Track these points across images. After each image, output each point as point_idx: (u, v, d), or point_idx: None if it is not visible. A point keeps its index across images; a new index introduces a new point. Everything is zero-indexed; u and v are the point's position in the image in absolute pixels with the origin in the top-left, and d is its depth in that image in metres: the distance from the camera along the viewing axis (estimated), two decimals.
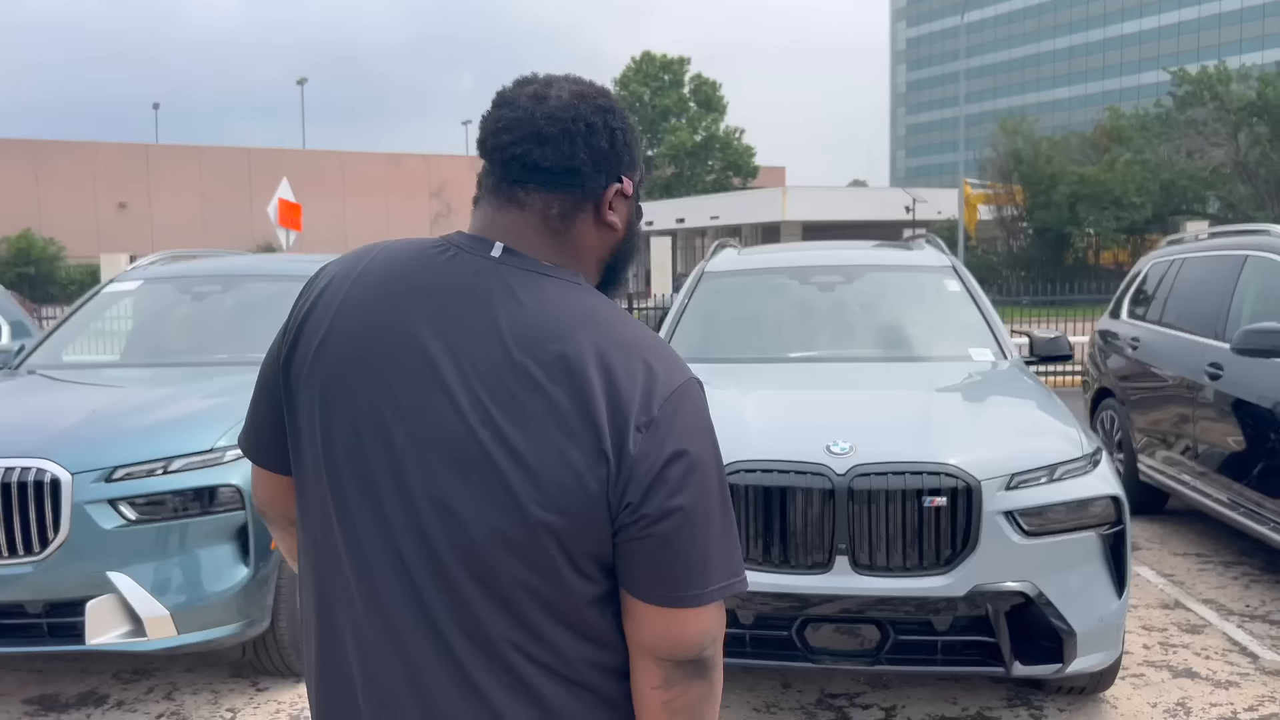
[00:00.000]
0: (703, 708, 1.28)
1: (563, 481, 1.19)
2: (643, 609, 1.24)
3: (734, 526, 1.29)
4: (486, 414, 1.21)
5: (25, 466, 3.69)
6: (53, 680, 4.42)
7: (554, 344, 1.22)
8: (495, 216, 1.33)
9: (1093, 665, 3.56)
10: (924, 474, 3.43)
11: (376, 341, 1.27)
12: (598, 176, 1.33)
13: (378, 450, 1.25)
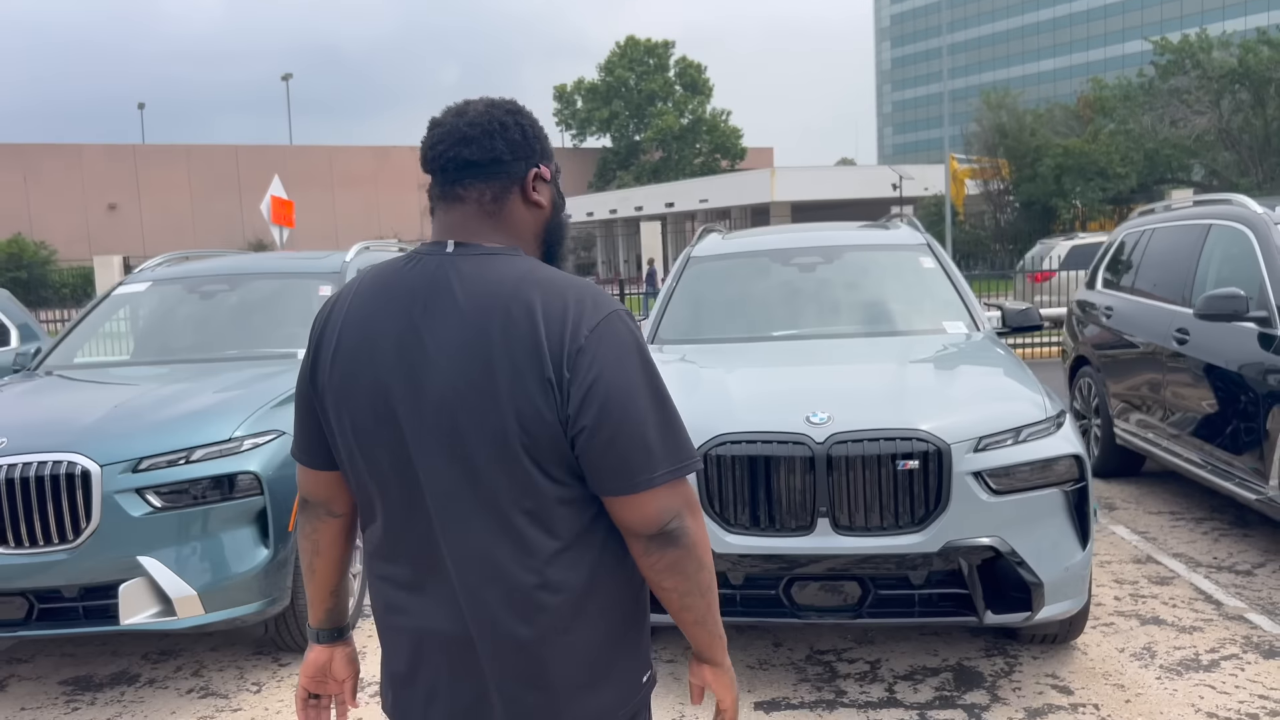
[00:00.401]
0: (684, 565, 1.62)
1: (525, 410, 1.55)
2: (611, 501, 1.61)
3: (674, 422, 1.62)
4: (460, 375, 1.57)
5: (57, 460, 3.93)
6: (86, 663, 4.67)
7: (500, 303, 1.58)
8: (445, 218, 1.70)
9: (1060, 613, 3.82)
10: (897, 440, 3.68)
11: (375, 344, 1.65)
12: (518, 163, 1.70)
13: (393, 425, 1.63)
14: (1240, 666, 4.06)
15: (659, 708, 3.93)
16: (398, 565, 1.69)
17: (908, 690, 3.97)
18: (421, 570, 1.66)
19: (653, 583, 1.65)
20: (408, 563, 1.68)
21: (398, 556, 1.69)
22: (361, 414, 1.65)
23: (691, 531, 1.62)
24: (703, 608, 1.67)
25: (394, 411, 1.62)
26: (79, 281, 38.57)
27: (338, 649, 1.89)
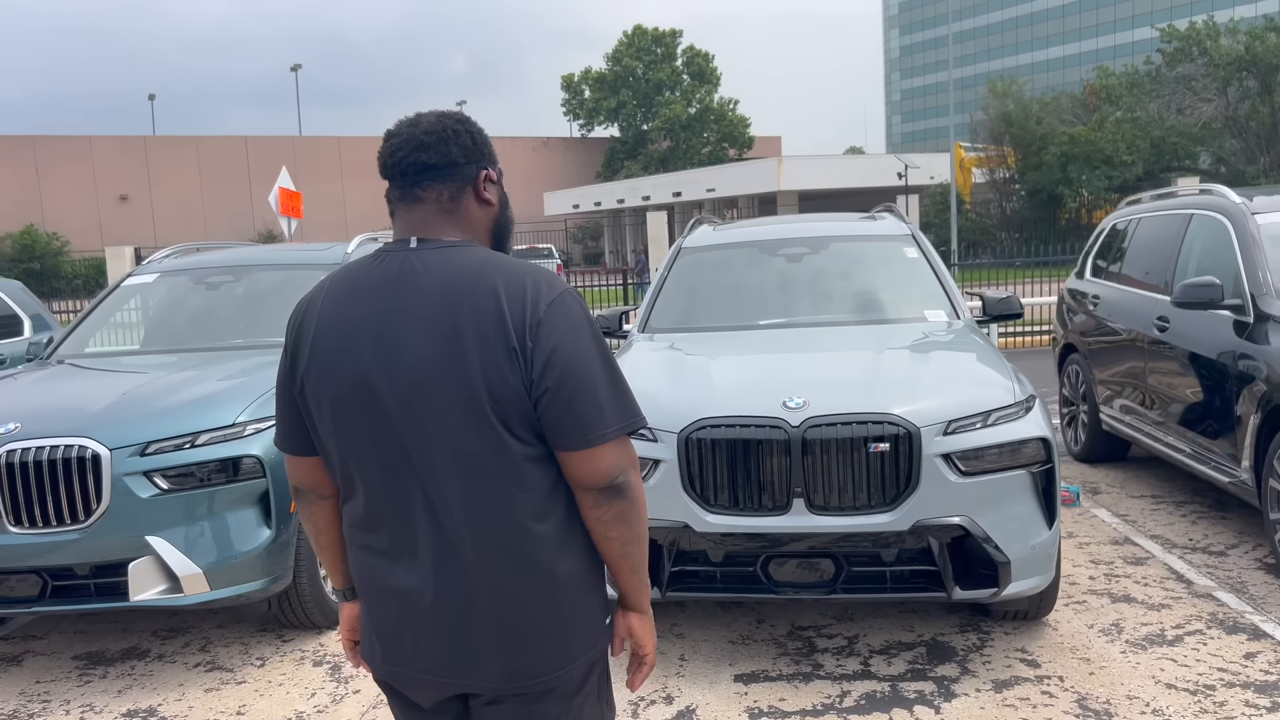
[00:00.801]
0: (628, 516, 1.83)
1: (494, 378, 1.74)
2: (565, 456, 1.80)
3: (623, 386, 1.84)
4: (434, 354, 1.76)
5: (69, 444, 4.12)
6: (97, 639, 4.88)
7: (465, 286, 1.78)
8: (407, 218, 1.89)
9: (1027, 589, 3.99)
10: (869, 423, 3.85)
11: (351, 333, 1.82)
12: (470, 166, 1.90)
13: (371, 405, 1.81)
14: (1203, 641, 4.22)
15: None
16: (378, 534, 1.87)
17: (882, 663, 4.15)
18: (401, 537, 1.84)
19: (599, 534, 1.84)
20: (388, 531, 1.85)
21: (378, 526, 1.86)
22: (341, 398, 1.83)
23: (635, 485, 1.83)
24: (638, 556, 1.87)
25: (374, 392, 1.79)
26: (91, 272, 38.86)
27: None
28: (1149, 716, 3.60)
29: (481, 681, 1.83)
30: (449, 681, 1.85)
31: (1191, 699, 3.71)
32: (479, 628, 1.81)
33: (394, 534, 1.84)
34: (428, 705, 1.92)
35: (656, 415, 4.09)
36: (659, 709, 3.86)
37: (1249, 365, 5.08)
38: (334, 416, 1.84)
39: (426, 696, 1.91)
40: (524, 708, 1.86)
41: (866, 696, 3.86)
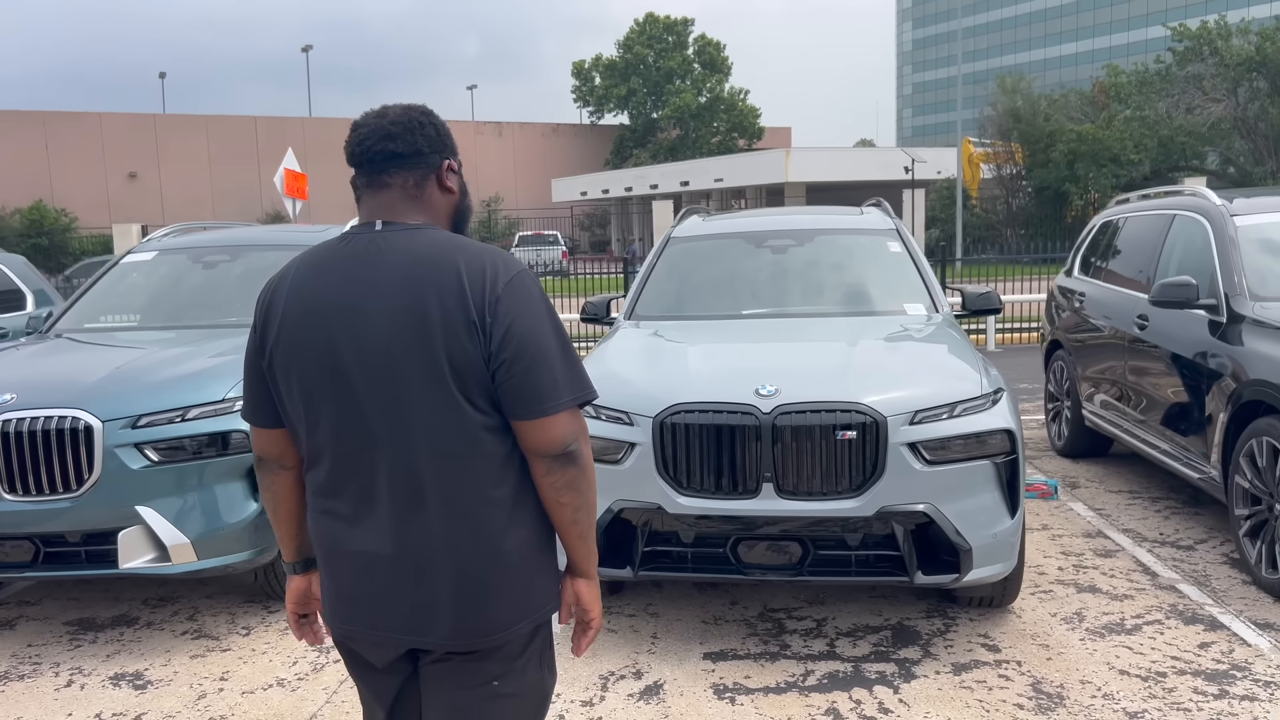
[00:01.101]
0: (578, 483, 1.95)
1: (454, 350, 1.86)
2: (521, 425, 1.91)
3: (576, 361, 1.96)
4: (399, 327, 1.87)
5: (62, 415, 4.25)
6: (89, 606, 5.02)
7: (429, 263, 1.90)
8: (373, 203, 2.01)
9: (989, 576, 4.10)
10: (837, 411, 3.96)
11: (319, 310, 1.93)
12: (433, 155, 2.03)
13: (338, 376, 1.92)
14: (1160, 630, 4.33)
15: (604, 659, 4.24)
16: (340, 500, 1.98)
17: (847, 645, 4.27)
18: (361, 502, 1.95)
19: (551, 500, 1.95)
20: (349, 496, 1.96)
21: (340, 492, 1.97)
22: (309, 371, 1.93)
23: (586, 454, 1.95)
24: (587, 523, 1.99)
25: (340, 363, 1.90)
26: (98, 249, 39.02)
27: (313, 575, 2.19)
28: (1099, 700, 3.72)
29: (432, 638, 1.94)
30: (402, 638, 1.96)
31: (1142, 684, 3.83)
32: (433, 587, 1.92)
33: (355, 499, 1.95)
34: (381, 665, 2.03)
35: (633, 400, 4.22)
36: (628, 683, 3.98)
37: (1220, 364, 5.17)
38: (301, 387, 1.94)
39: (380, 655, 2.02)
40: (468, 666, 1.97)
41: (829, 676, 3.98)
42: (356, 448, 1.93)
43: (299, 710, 3.83)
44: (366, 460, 1.92)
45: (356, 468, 1.94)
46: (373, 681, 2.08)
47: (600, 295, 6.12)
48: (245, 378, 2.07)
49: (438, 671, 1.99)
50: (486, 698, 1.98)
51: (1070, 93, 40.19)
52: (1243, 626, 4.34)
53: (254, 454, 2.13)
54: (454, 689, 1.99)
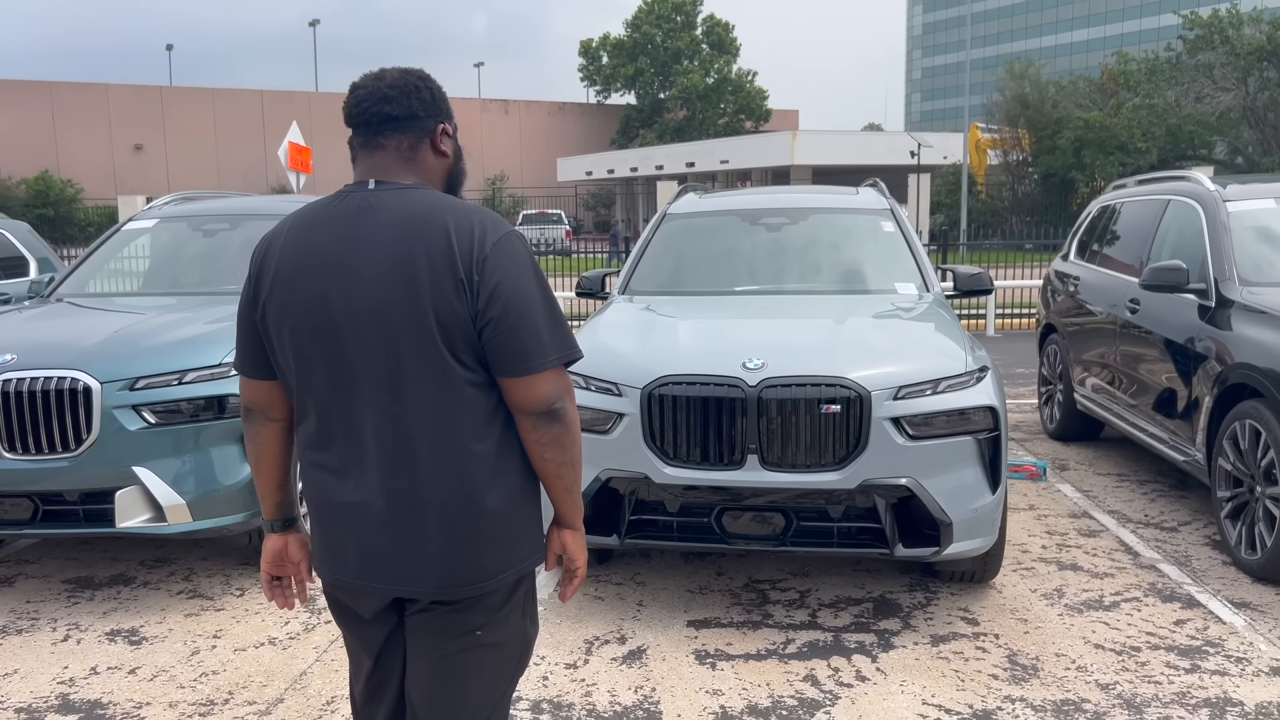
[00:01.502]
0: (563, 440, 2.00)
1: (442, 307, 1.90)
2: (506, 382, 1.96)
3: (562, 321, 2.01)
4: (389, 283, 1.91)
5: (61, 376, 4.32)
6: (87, 566, 5.11)
7: (419, 223, 1.94)
8: (367, 162, 2.06)
9: (969, 550, 4.17)
10: (822, 385, 4.02)
11: (312, 265, 1.97)
12: (428, 119, 2.07)
13: (329, 331, 1.96)
14: (1138, 608, 4.40)
15: (590, 624, 4.32)
16: (329, 452, 2.03)
17: (829, 616, 4.34)
18: (350, 454, 2.00)
19: (536, 455, 2.02)
20: (338, 449, 2.01)
21: (329, 444, 2.02)
22: (301, 325, 1.98)
23: (570, 412, 2.00)
24: (572, 477, 2.05)
25: (332, 319, 1.95)
26: (104, 220, 39.09)
27: (290, 536, 2.24)
28: (1072, 672, 3.79)
29: (419, 587, 2.00)
30: (389, 588, 2.02)
31: (1116, 658, 3.90)
32: (419, 538, 1.97)
33: (344, 451, 2.00)
34: (368, 615, 2.10)
35: (622, 371, 4.28)
36: (612, 648, 4.06)
37: (1207, 348, 5.22)
38: (292, 340, 1.99)
39: (367, 605, 2.08)
40: (452, 616, 2.03)
41: (809, 644, 4.06)
42: (345, 401, 1.97)
43: (289, 668, 3.91)
44: (355, 413, 1.97)
45: (345, 420, 1.98)
46: (360, 631, 2.14)
47: (595, 270, 6.17)
48: (238, 329, 2.11)
49: (422, 621, 2.05)
50: (470, 646, 2.04)
51: (1079, 79, 40.04)
52: (1219, 605, 4.41)
53: (242, 405, 2.18)
54: (438, 638, 2.04)
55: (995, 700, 3.58)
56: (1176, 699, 3.57)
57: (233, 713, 3.55)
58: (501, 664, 2.10)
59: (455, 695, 2.06)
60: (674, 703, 3.59)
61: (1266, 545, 4.58)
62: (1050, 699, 3.58)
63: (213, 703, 3.63)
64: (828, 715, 3.48)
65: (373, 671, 2.16)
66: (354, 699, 2.23)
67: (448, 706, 2.07)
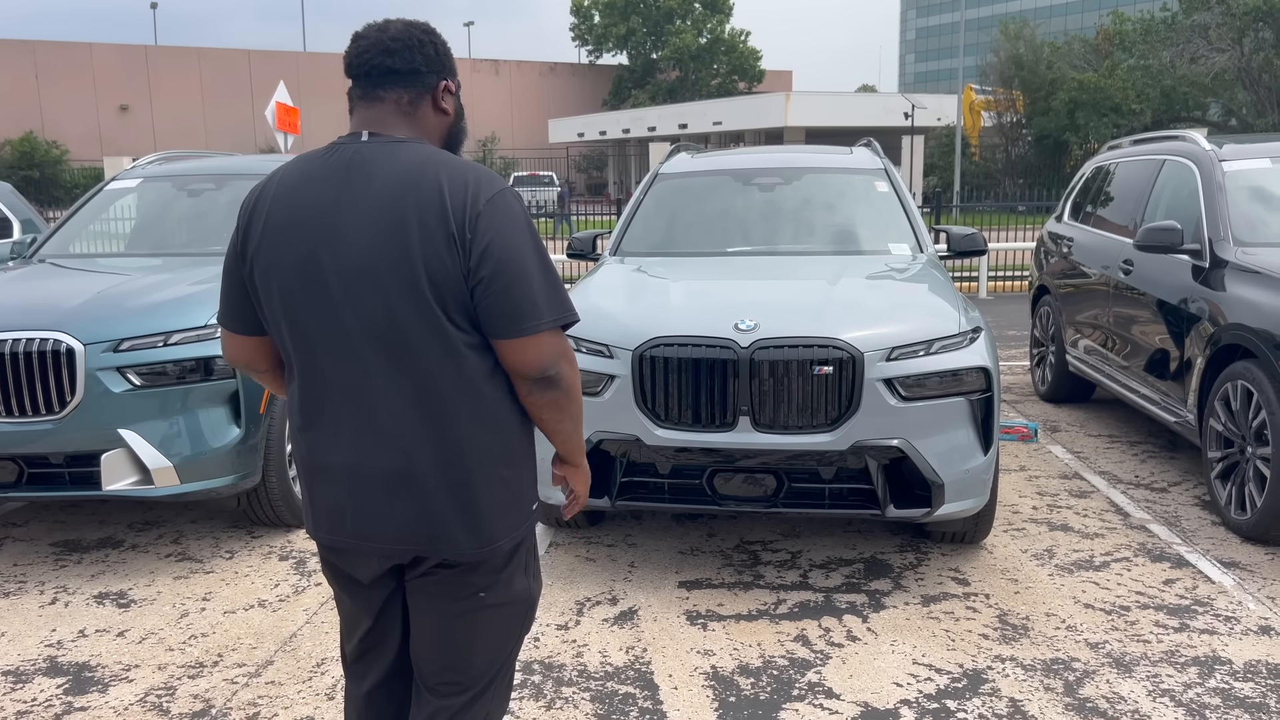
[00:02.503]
0: (561, 403, 1.97)
1: (433, 264, 1.84)
2: (500, 344, 1.90)
3: (557, 283, 1.94)
4: (379, 240, 1.85)
5: (44, 338, 4.26)
6: (74, 529, 5.08)
7: (411, 178, 1.87)
8: (364, 114, 1.99)
9: (961, 511, 4.16)
10: (815, 347, 3.98)
11: (301, 219, 1.91)
12: (430, 75, 2.00)
13: (319, 289, 1.90)
14: (1127, 567, 4.41)
15: (581, 586, 4.31)
16: (322, 415, 1.96)
17: (820, 576, 4.34)
18: (343, 417, 1.94)
19: (534, 414, 2.00)
20: (331, 412, 1.95)
21: (322, 408, 1.96)
22: (289, 279, 1.91)
23: (568, 376, 1.95)
24: (571, 430, 2.04)
25: (323, 278, 1.89)
26: (90, 181, 38.70)
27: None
28: (1062, 631, 3.80)
29: (418, 548, 1.96)
30: (385, 548, 1.97)
31: (1105, 618, 3.91)
32: (417, 500, 1.92)
33: (337, 413, 1.94)
34: (367, 580, 2.05)
35: (613, 332, 4.24)
36: (603, 609, 4.06)
37: (1200, 308, 5.20)
38: (281, 296, 1.92)
39: (365, 570, 2.03)
40: (455, 579, 1.99)
41: (800, 605, 4.06)
42: (334, 359, 1.91)
43: (279, 630, 3.90)
44: (348, 375, 1.91)
45: (339, 382, 1.92)
46: (357, 595, 2.10)
47: (586, 231, 6.11)
48: (223, 283, 2.05)
49: (424, 585, 2.02)
50: (476, 609, 2.02)
51: (1074, 40, 39.75)
52: (1208, 565, 4.42)
53: (228, 359, 2.13)
54: (441, 601, 2.02)
55: (985, 660, 3.58)
56: (1165, 657, 3.58)
57: (222, 675, 3.54)
58: (506, 623, 2.09)
59: (462, 656, 2.06)
60: (665, 663, 3.59)
61: (1256, 505, 4.58)
62: (1040, 658, 3.58)
63: (202, 665, 3.62)
64: (818, 675, 3.49)
65: (369, 633, 2.13)
66: (345, 657, 2.21)
67: (455, 666, 2.06)
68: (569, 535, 4.89)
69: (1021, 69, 35.52)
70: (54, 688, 3.47)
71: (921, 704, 3.29)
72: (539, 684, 3.46)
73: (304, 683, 3.48)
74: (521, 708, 3.30)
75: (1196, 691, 3.34)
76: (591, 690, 3.42)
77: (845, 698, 3.34)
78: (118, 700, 3.38)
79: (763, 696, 3.35)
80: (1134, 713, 3.21)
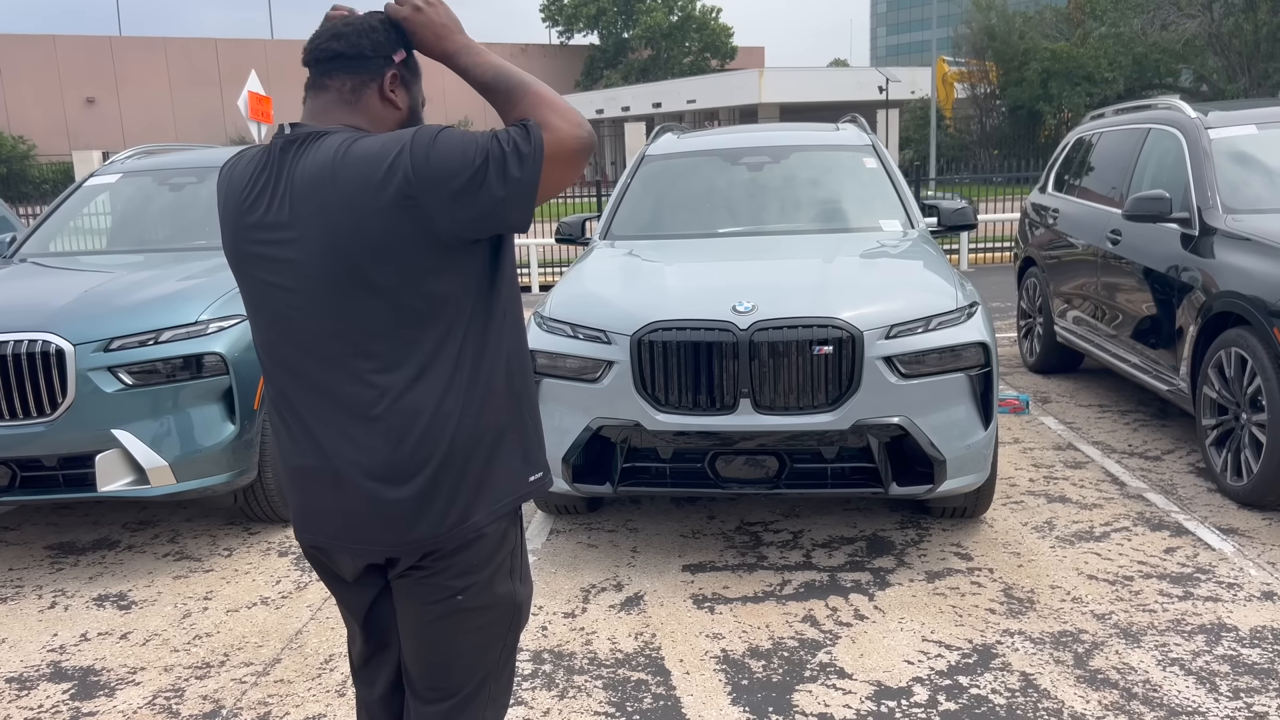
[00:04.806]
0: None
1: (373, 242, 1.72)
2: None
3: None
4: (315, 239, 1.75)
5: (33, 339, 4.19)
6: (69, 530, 5.02)
7: (327, 171, 1.74)
8: (311, 105, 1.89)
9: (963, 486, 4.17)
10: (814, 327, 3.97)
11: (245, 226, 1.84)
12: (377, 59, 1.85)
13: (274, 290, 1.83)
14: (1128, 537, 4.44)
15: (585, 572, 4.30)
16: (287, 412, 1.90)
17: (823, 556, 4.35)
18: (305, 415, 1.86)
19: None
20: (294, 409, 1.88)
21: (286, 404, 1.89)
22: (252, 281, 1.87)
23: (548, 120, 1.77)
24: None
25: (274, 278, 1.82)
26: (59, 177, 38.14)
27: None
28: (1067, 603, 3.82)
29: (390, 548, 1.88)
30: (359, 548, 1.90)
31: (1110, 588, 3.94)
32: (383, 497, 1.82)
33: (299, 412, 1.87)
34: (349, 578, 1.99)
35: (611, 318, 4.21)
36: (608, 595, 4.05)
37: (1191, 277, 5.22)
38: (249, 296, 1.90)
39: (347, 568, 1.97)
40: (431, 580, 1.90)
41: (805, 585, 4.06)
42: (297, 361, 1.85)
43: (284, 627, 3.87)
44: (307, 374, 1.84)
45: (301, 382, 1.86)
46: (345, 595, 2.05)
47: (575, 215, 6.06)
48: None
49: (403, 586, 1.95)
50: (454, 611, 1.92)
51: (1046, 9, 39.72)
52: (1207, 532, 4.45)
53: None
54: (418, 603, 1.93)
55: (994, 634, 3.60)
56: (1172, 626, 3.60)
57: (230, 675, 3.51)
58: (489, 627, 1.97)
59: (444, 660, 1.97)
60: (675, 648, 3.59)
61: (1253, 471, 4.62)
62: (1048, 631, 3.60)
63: (209, 665, 3.59)
64: (829, 655, 3.49)
65: (363, 636, 2.08)
66: (352, 663, 2.16)
67: (437, 671, 1.98)
68: (569, 522, 4.88)
69: (994, 40, 35.52)
70: (60, 693, 3.43)
71: (934, 681, 3.30)
72: (550, 673, 3.45)
73: (313, 680, 3.45)
74: (534, 697, 3.29)
75: (1205, 660, 3.36)
76: (603, 678, 3.41)
77: (858, 677, 3.34)
78: (126, 704, 3.34)
79: (775, 679, 3.35)
80: (1145, 682, 3.24)
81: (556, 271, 14.88)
